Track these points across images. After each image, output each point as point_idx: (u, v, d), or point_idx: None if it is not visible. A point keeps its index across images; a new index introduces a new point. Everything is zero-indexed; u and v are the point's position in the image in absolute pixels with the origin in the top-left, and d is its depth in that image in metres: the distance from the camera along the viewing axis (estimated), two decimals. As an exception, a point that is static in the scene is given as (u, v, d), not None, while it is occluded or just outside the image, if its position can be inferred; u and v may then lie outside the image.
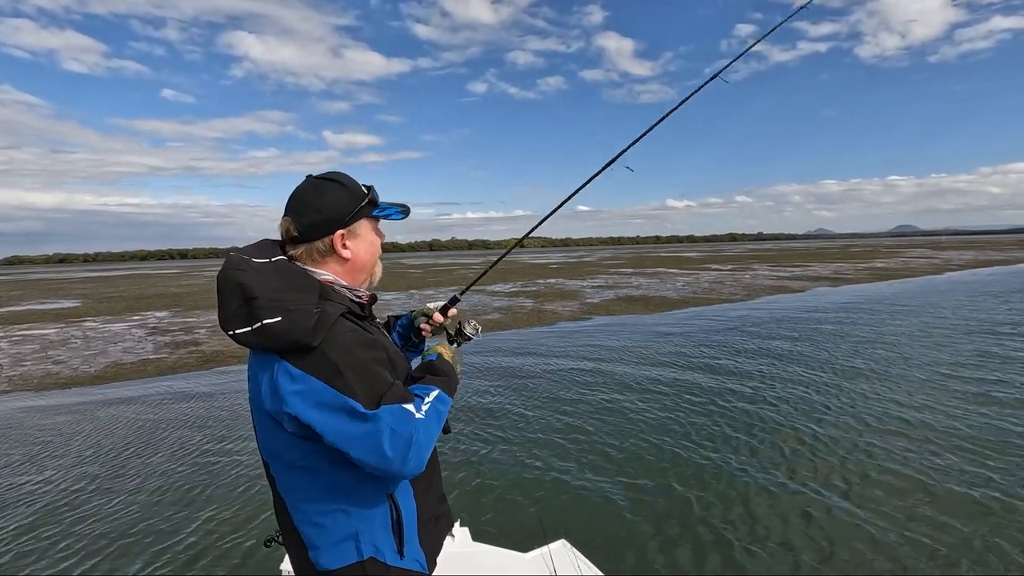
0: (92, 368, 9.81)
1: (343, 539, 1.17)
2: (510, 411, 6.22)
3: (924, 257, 39.94)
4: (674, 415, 5.82)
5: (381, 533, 1.20)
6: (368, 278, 1.37)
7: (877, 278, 23.88)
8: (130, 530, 3.86)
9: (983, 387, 6.44)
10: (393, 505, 1.21)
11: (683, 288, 21.12)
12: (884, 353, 8.53)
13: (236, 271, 1.14)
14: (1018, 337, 9.43)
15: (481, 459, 4.86)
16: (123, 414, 6.86)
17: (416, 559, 1.25)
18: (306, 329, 1.08)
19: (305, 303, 1.11)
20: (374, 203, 1.31)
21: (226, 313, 1.12)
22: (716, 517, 3.72)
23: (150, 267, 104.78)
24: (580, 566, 1.90)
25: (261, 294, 1.09)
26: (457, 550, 2.03)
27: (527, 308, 15.97)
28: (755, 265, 35.81)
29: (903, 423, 5.32)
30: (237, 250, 1.21)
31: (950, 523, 3.52)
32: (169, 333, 13.60)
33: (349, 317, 1.20)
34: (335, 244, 1.25)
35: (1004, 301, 14.57)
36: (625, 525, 3.67)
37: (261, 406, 1.14)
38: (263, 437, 1.20)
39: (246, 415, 6.49)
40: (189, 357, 10.48)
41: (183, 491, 4.46)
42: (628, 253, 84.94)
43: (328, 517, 1.17)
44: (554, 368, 8.27)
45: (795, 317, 12.95)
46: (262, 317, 1.08)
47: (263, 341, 1.09)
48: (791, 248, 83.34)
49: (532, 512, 3.86)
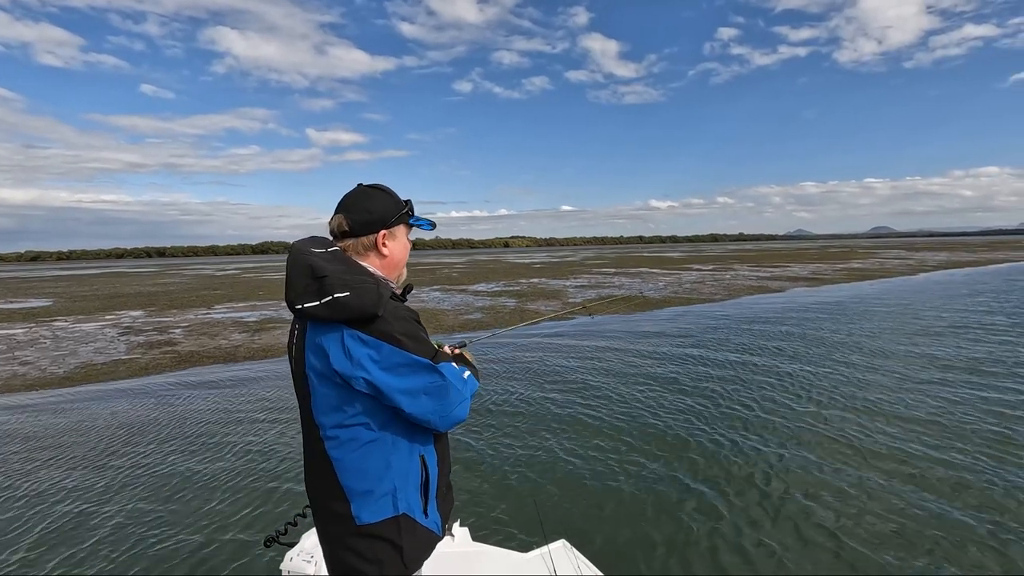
0: (61, 369, 9.54)
1: (383, 495, 1.35)
2: (509, 411, 6.19)
3: (899, 258, 40.83)
4: (668, 415, 5.85)
5: (413, 492, 1.39)
6: (399, 275, 1.58)
7: (854, 278, 24.33)
8: (128, 530, 3.76)
9: (961, 381, 6.59)
10: (424, 467, 1.42)
11: (664, 288, 21.29)
12: (853, 350, 8.67)
13: (305, 255, 1.34)
14: (981, 335, 9.68)
15: (480, 459, 4.85)
16: (94, 415, 6.66)
17: (435, 521, 1.45)
18: (373, 302, 1.29)
19: (367, 282, 1.32)
20: (411, 213, 1.55)
21: (295, 290, 1.31)
22: (716, 517, 3.74)
23: (126, 265, 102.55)
24: (580, 566, 1.90)
25: (330, 273, 1.30)
26: (457, 550, 2.02)
27: (509, 308, 15.94)
28: (736, 265, 36.25)
29: (873, 410, 5.41)
30: (299, 240, 1.44)
31: (948, 512, 3.59)
32: (143, 333, 13.30)
33: (395, 299, 1.42)
34: (378, 241, 1.47)
35: (977, 301, 14.95)
36: (625, 525, 3.69)
37: (330, 369, 1.30)
38: (323, 403, 1.35)
39: (227, 415, 6.38)
40: (163, 358, 10.24)
41: (164, 494, 4.35)
42: (611, 253, 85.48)
43: (373, 474, 1.35)
44: (544, 368, 8.26)
45: (773, 317, 13.11)
46: (333, 291, 1.27)
47: (332, 313, 1.28)
48: (771, 248, 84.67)
49: (532, 512, 3.87)
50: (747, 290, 20.04)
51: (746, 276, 26.65)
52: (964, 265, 32.42)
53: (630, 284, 23.23)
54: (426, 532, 1.41)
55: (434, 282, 27.35)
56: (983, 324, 11.07)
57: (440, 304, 17.73)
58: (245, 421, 6.21)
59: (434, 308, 16.57)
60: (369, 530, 1.35)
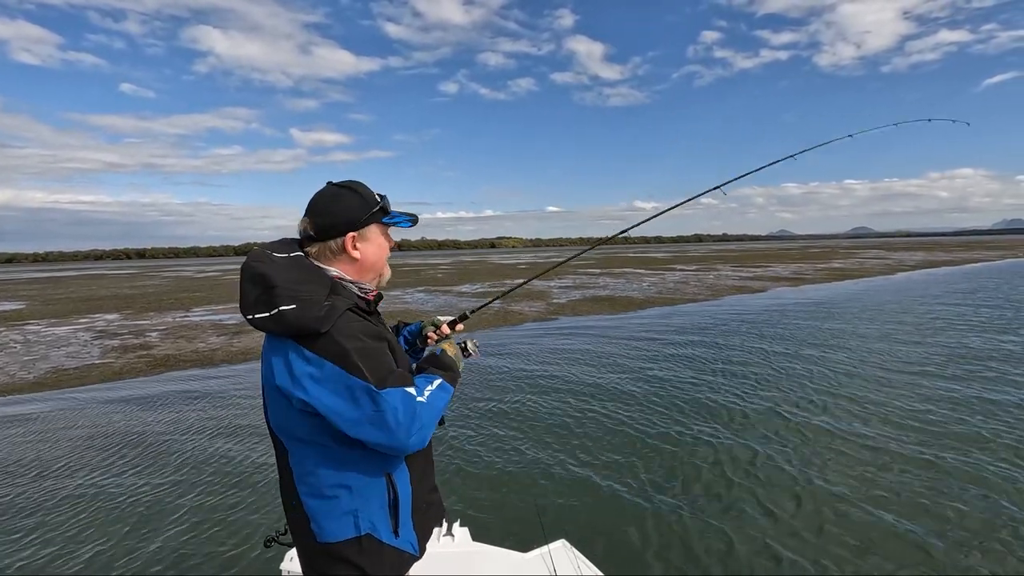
0: (31, 374, 9.26)
1: (343, 514, 1.28)
2: (508, 412, 6.13)
3: (878, 258, 41.56)
4: (667, 415, 5.84)
5: (378, 512, 1.32)
6: (376, 277, 1.50)
7: (834, 278, 24.69)
8: (121, 533, 3.63)
9: (935, 378, 6.69)
10: (391, 486, 1.34)
11: (649, 288, 21.39)
12: (832, 348, 8.77)
13: (258, 263, 1.27)
14: (958, 332, 9.88)
15: (480, 460, 4.82)
16: (66, 422, 6.47)
17: (409, 540, 1.39)
18: (316, 317, 1.21)
19: (317, 294, 1.25)
20: (385, 211, 1.45)
21: (247, 300, 1.26)
22: (717, 517, 3.74)
23: (104, 267, 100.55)
24: (580, 566, 1.87)
25: (280, 283, 1.23)
26: (457, 550, 2.01)
27: (493, 309, 15.89)
28: (719, 266, 36.61)
29: (854, 404, 5.47)
30: (262, 245, 1.36)
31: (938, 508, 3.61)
32: (118, 337, 12.99)
33: (356, 311, 1.33)
34: (346, 245, 1.39)
35: (951, 300, 15.24)
36: (625, 525, 3.68)
37: (274, 384, 1.25)
38: (275, 413, 1.31)
39: (207, 419, 6.23)
40: (138, 362, 10.01)
41: (145, 503, 4.23)
42: (596, 254, 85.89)
43: (331, 492, 1.28)
44: (540, 368, 8.22)
45: (755, 317, 13.22)
46: (279, 304, 1.21)
47: (278, 326, 1.22)
48: (754, 249, 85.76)
49: (532, 512, 3.87)
50: (730, 290, 20.22)
51: (729, 276, 26.90)
52: (940, 265, 33.10)
53: (615, 284, 23.32)
54: (395, 553, 1.34)
55: (418, 283, 27.19)
56: (951, 321, 11.28)
57: (424, 305, 17.62)
58: (223, 425, 6.08)
59: (417, 309, 16.46)
60: (330, 549, 1.30)
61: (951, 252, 50.47)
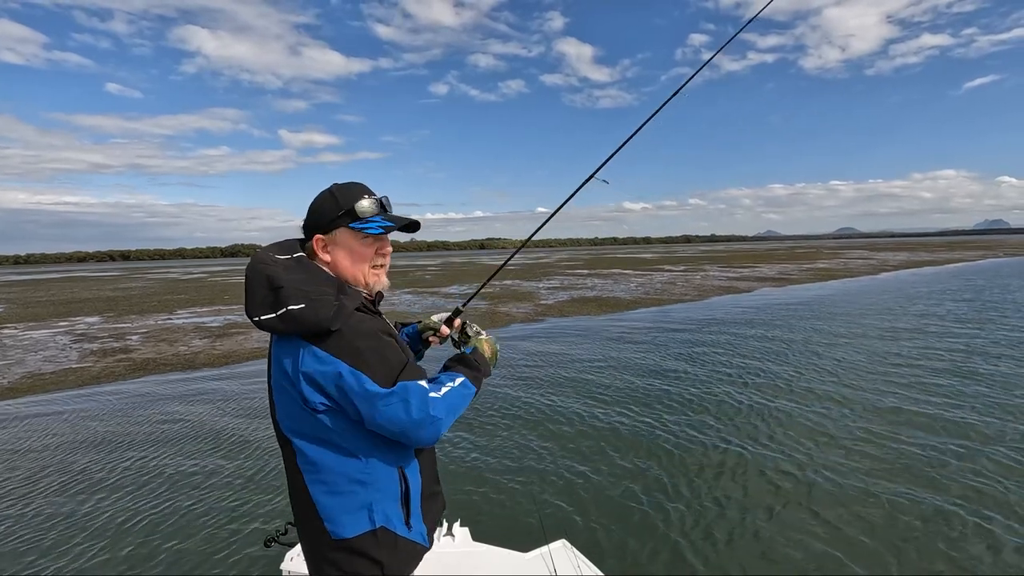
0: (5, 379, 9.05)
1: (358, 508, 1.29)
2: (507, 412, 6.08)
3: (862, 258, 42.09)
4: (667, 414, 5.83)
5: (391, 504, 1.32)
6: (359, 283, 1.42)
7: (819, 278, 24.96)
8: (118, 532, 3.53)
9: (917, 375, 6.75)
10: (403, 479, 1.34)
11: (636, 289, 21.47)
12: (817, 346, 8.85)
13: (263, 265, 1.27)
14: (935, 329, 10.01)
15: (480, 460, 4.81)
16: (43, 427, 6.32)
17: (420, 532, 1.39)
18: (327, 316, 1.22)
19: (326, 294, 1.25)
20: (352, 215, 1.36)
21: (253, 301, 1.24)
22: (717, 517, 3.73)
23: (87, 269, 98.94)
24: (580, 566, 1.89)
25: (287, 284, 1.23)
26: (457, 550, 2.00)
27: (481, 310, 15.83)
28: (706, 266, 36.86)
29: (856, 403, 5.51)
30: (263, 248, 1.36)
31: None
32: (98, 340, 12.76)
33: (363, 310, 1.33)
34: (316, 247, 1.38)
35: (932, 299, 15.46)
36: (626, 525, 3.67)
37: (284, 384, 1.26)
38: (284, 414, 1.30)
39: (191, 423, 6.12)
40: (117, 366, 9.83)
41: (135, 510, 4.12)
42: (586, 254, 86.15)
43: (346, 487, 1.28)
44: (538, 369, 8.19)
45: (740, 317, 13.31)
46: (287, 304, 1.21)
47: (286, 325, 1.22)
48: (741, 249, 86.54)
49: (532, 512, 3.86)
50: (717, 290, 20.35)
51: (716, 277, 27.09)
52: (923, 264, 33.61)
53: (602, 285, 23.37)
54: (409, 544, 1.35)
55: (406, 284, 27.06)
56: (926, 320, 11.43)
57: (411, 307, 17.53)
58: (206, 428, 5.97)
59: (404, 311, 16.36)
60: (346, 544, 1.29)
61: (933, 252, 51.27)
